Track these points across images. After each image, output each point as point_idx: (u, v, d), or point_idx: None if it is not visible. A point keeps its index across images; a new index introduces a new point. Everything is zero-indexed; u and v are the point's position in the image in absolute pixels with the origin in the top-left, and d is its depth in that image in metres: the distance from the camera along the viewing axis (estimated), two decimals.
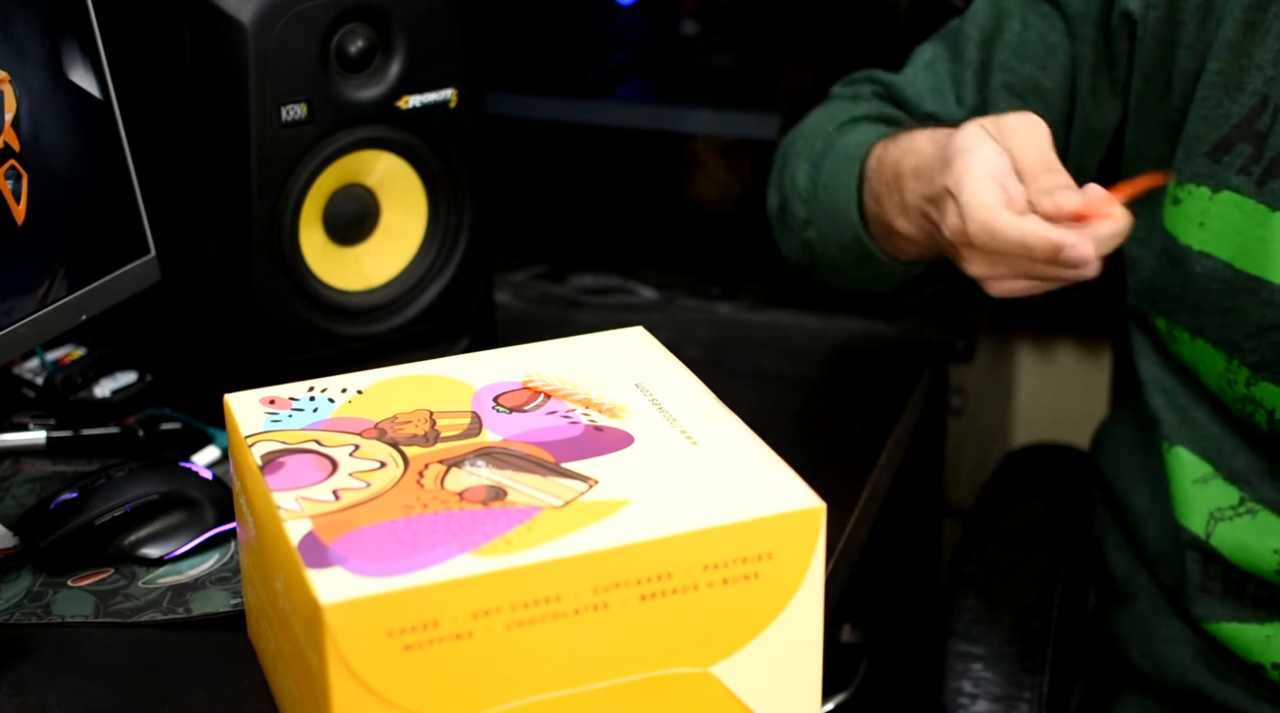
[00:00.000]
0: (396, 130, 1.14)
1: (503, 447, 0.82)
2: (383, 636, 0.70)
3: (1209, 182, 0.99)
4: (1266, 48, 0.96)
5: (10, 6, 0.99)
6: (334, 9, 1.08)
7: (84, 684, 0.89)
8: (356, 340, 1.17)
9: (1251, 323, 0.98)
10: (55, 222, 1.03)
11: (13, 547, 1.01)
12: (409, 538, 0.74)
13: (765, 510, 0.75)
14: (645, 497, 0.76)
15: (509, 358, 0.91)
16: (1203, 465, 1.04)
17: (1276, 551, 1.00)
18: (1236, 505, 1.02)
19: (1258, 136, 0.97)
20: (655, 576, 0.74)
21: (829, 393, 1.25)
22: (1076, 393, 1.95)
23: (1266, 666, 1.01)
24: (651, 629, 0.75)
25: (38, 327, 1.02)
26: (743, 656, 0.77)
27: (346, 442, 0.83)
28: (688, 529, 0.74)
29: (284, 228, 1.11)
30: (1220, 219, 0.99)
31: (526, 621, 0.72)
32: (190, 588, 0.98)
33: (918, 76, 1.14)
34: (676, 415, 0.84)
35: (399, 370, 0.90)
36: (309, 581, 0.71)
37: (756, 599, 0.76)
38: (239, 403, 0.87)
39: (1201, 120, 1.00)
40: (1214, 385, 1.03)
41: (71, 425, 1.15)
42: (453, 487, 0.78)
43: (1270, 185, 0.96)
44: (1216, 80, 0.99)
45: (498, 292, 1.35)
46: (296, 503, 0.77)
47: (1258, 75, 0.97)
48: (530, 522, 0.74)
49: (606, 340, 0.93)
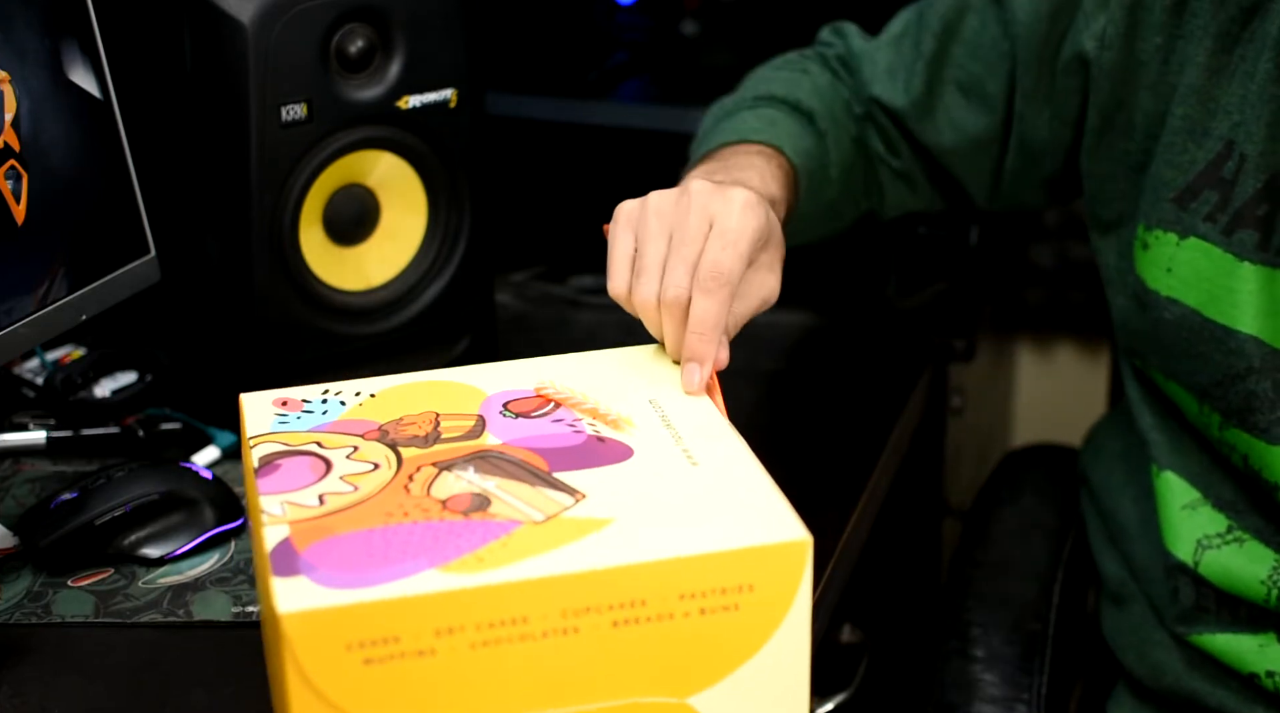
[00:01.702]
0: (396, 130, 1.14)
1: (499, 451, 0.81)
2: (341, 648, 0.69)
3: (1176, 228, 0.99)
4: (1232, 92, 0.96)
5: (10, 6, 0.99)
6: (334, 9, 1.08)
7: (84, 684, 0.89)
8: (356, 340, 1.17)
9: (1219, 371, 0.98)
10: (55, 222, 1.03)
11: (13, 547, 1.01)
12: (381, 549, 0.73)
13: (747, 541, 0.73)
14: (628, 517, 0.75)
15: (527, 367, 0.90)
16: (1191, 491, 1.04)
17: (1263, 581, 0.99)
18: (1224, 533, 1.01)
19: (1223, 184, 0.96)
20: (628, 602, 0.72)
21: (829, 393, 1.25)
22: (1076, 393, 1.95)
23: (1260, 674, 1.00)
24: (624, 657, 0.73)
25: (38, 327, 1.02)
26: (723, 688, 0.75)
27: (346, 443, 0.83)
28: (663, 557, 0.72)
29: (284, 228, 1.11)
30: (1188, 266, 0.98)
31: (492, 641, 0.71)
32: (190, 589, 0.98)
33: (880, 51, 1.16)
34: (682, 433, 0.83)
35: (415, 376, 0.90)
36: (272, 588, 0.70)
37: (737, 631, 0.74)
38: (251, 403, 0.87)
39: (1167, 165, 1.00)
40: (1194, 423, 1.03)
41: (71, 425, 1.15)
42: (438, 494, 0.77)
43: (1237, 234, 0.96)
44: (1181, 125, 0.99)
45: (498, 292, 1.35)
46: (280, 507, 0.76)
47: (1224, 119, 0.97)
48: (507, 537, 0.73)
49: (631, 355, 0.92)
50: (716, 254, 0.88)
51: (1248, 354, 0.96)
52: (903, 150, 1.16)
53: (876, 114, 1.16)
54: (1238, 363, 0.96)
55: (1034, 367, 2.07)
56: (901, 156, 1.17)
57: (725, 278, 0.87)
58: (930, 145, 1.15)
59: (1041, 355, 2.07)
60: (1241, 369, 0.96)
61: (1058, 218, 1.95)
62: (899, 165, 1.17)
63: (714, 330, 0.87)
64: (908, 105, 1.13)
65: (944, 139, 1.14)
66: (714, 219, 0.89)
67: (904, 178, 1.18)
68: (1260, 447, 0.97)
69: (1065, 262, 1.95)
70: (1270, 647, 1.00)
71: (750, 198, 0.91)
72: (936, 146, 1.14)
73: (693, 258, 0.88)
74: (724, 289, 0.87)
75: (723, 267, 0.87)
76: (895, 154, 1.17)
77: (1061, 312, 1.98)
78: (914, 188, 1.19)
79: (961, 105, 1.12)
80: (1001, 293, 1.93)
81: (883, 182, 1.18)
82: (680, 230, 0.89)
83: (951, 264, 1.46)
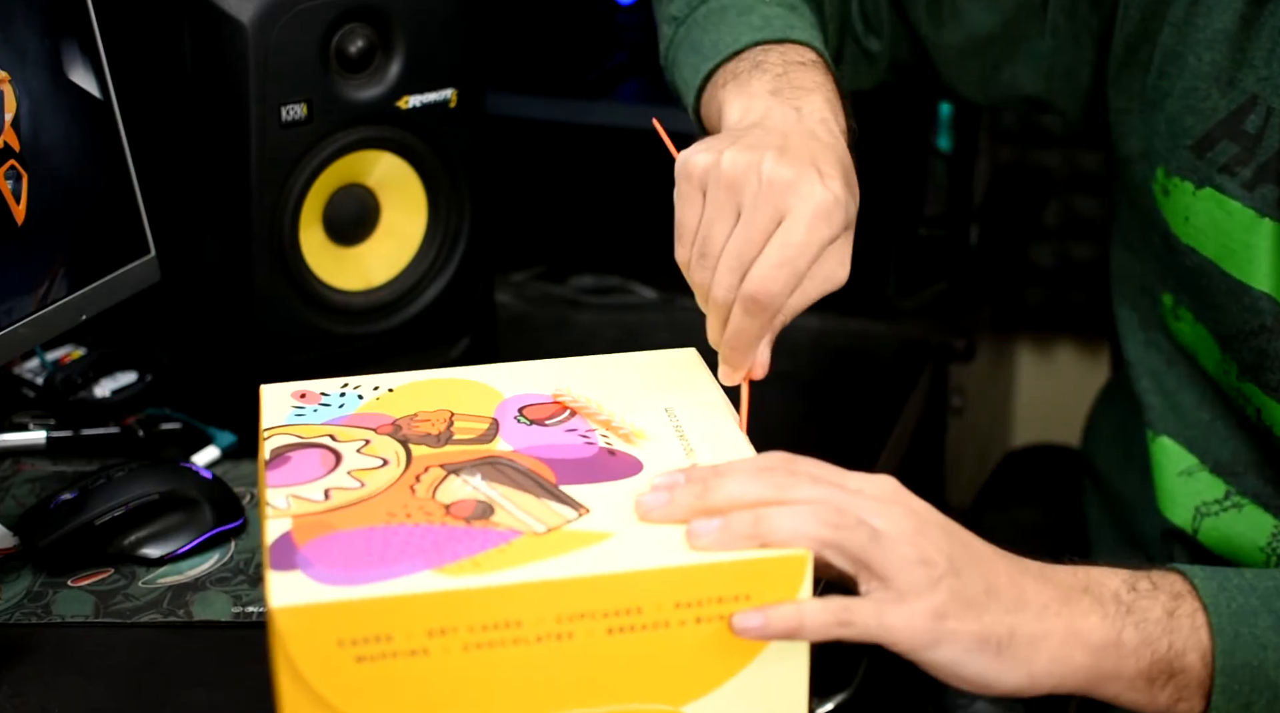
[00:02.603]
0: (396, 130, 1.14)
1: (509, 459, 0.81)
2: (333, 645, 0.69)
3: (1192, 176, 0.98)
4: (1260, 46, 0.94)
5: (10, 6, 0.99)
6: (334, 9, 1.08)
7: (84, 684, 0.89)
8: (357, 340, 1.17)
9: (1235, 324, 0.97)
10: (55, 222, 1.03)
11: (13, 547, 1.01)
12: (380, 548, 0.73)
13: (745, 553, 0.73)
14: (629, 530, 0.74)
15: (547, 370, 0.90)
16: (1188, 457, 1.04)
17: (1263, 548, 0.99)
18: (1222, 499, 1.01)
19: (1245, 137, 0.95)
20: (623, 609, 0.72)
21: (829, 393, 1.25)
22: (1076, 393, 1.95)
23: None
24: (618, 663, 0.73)
25: (38, 327, 1.02)
26: (717, 697, 0.75)
27: (359, 437, 0.83)
28: (659, 565, 0.72)
29: (284, 228, 1.11)
30: (1204, 216, 0.97)
31: (485, 643, 0.71)
32: (190, 588, 0.98)
33: None
34: (695, 445, 0.82)
35: (435, 373, 0.89)
36: (268, 581, 0.71)
37: (732, 640, 0.74)
38: (270, 395, 0.87)
39: (1189, 111, 0.98)
40: (1212, 371, 1.02)
41: (71, 425, 1.15)
42: (443, 498, 0.77)
43: (1260, 190, 0.94)
44: (1209, 71, 0.96)
45: (498, 292, 1.35)
46: (285, 501, 0.77)
47: (1250, 73, 0.94)
48: (506, 545, 0.73)
49: (652, 360, 0.92)
50: (769, 272, 0.81)
51: (1261, 311, 0.94)
52: (884, 28, 1.11)
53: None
54: (1252, 320, 0.95)
55: (1034, 367, 2.07)
56: (880, 35, 1.11)
57: (769, 302, 0.82)
58: (925, 35, 1.09)
59: (1041, 355, 2.07)
60: (1255, 326, 0.95)
61: (1058, 218, 1.95)
62: (873, 46, 1.11)
63: (748, 347, 0.84)
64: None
65: (944, 33, 1.08)
66: (785, 216, 0.81)
67: (867, 59, 1.12)
68: (1271, 405, 0.96)
69: (1065, 262, 1.95)
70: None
71: (829, 202, 0.82)
72: (932, 38, 1.09)
73: (747, 260, 0.82)
74: (765, 313, 0.83)
75: (771, 289, 0.81)
76: (873, 32, 1.11)
77: (1061, 312, 1.98)
78: (873, 68, 1.13)
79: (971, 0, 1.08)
80: (1001, 293, 1.94)
81: (845, 57, 1.12)
82: (747, 216, 0.82)
83: (951, 264, 1.46)
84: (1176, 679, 0.79)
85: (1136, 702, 0.80)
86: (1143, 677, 0.79)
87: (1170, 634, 0.79)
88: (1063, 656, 0.77)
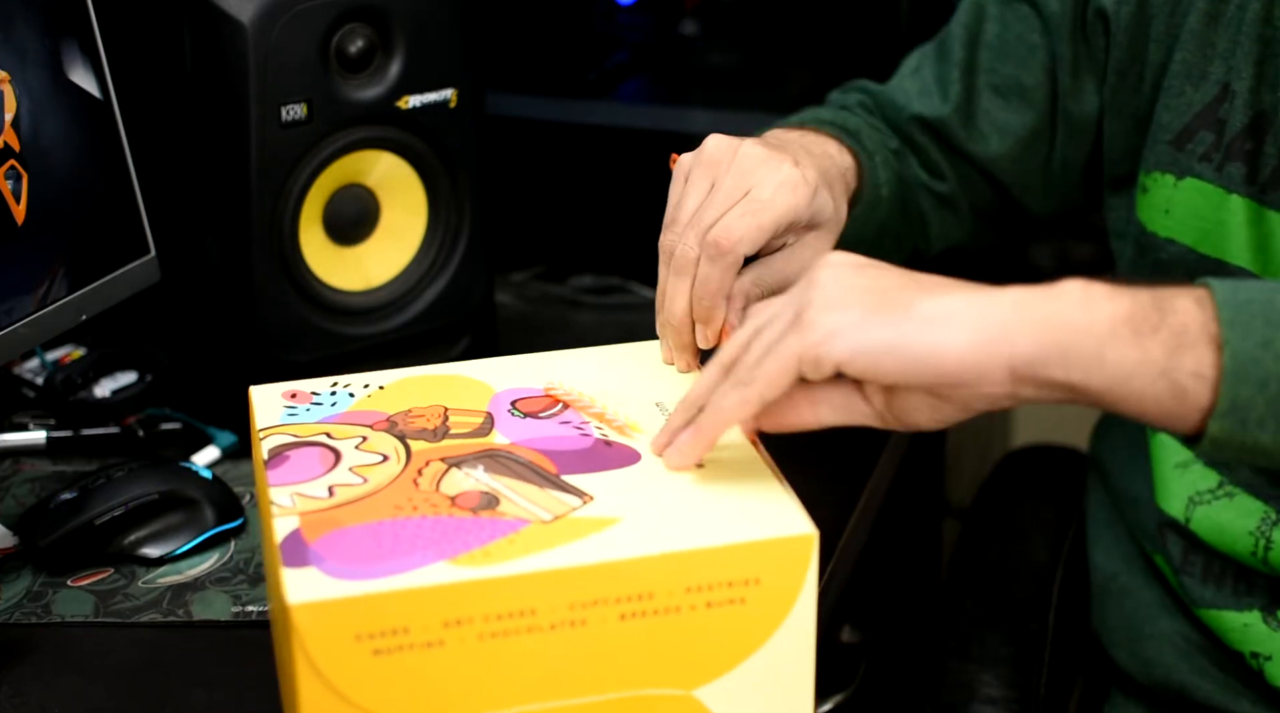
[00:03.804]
0: (396, 130, 1.14)
1: (507, 451, 0.81)
2: (350, 639, 0.70)
3: (1173, 169, 1.00)
4: (1227, 37, 0.97)
5: (10, 6, 0.99)
6: (334, 9, 1.08)
7: (84, 684, 0.89)
8: (356, 340, 1.17)
9: None
10: (55, 222, 1.03)
11: (13, 547, 1.01)
12: (390, 541, 0.73)
13: (752, 535, 0.73)
14: (636, 516, 0.75)
15: (536, 364, 0.90)
16: (1184, 450, 1.04)
17: (1251, 532, 1.00)
18: (1215, 489, 1.02)
19: (1218, 124, 0.98)
20: (635, 595, 0.72)
21: None
22: None
23: (1245, 654, 1.01)
24: (631, 649, 0.74)
25: (38, 327, 1.02)
26: (728, 680, 0.76)
27: (355, 434, 0.83)
28: (669, 550, 0.72)
29: (284, 228, 1.11)
30: (1184, 206, 0.99)
31: (500, 633, 0.71)
32: (190, 588, 0.98)
33: (905, 82, 1.15)
34: None
35: (424, 369, 0.90)
36: (282, 579, 0.71)
37: (743, 624, 0.74)
38: (260, 396, 0.87)
39: (1166, 109, 1.00)
40: None
41: (71, 425, 1.15)
42: (447, 490, 0.78)
43: (1227, 168, 0.97)
44: (1180, 69, 0.99)
45: (498, 292, 1.35)
46: (290, 499, 0.77)
47: (1220, 64, 0.98)
48: (515, 534, 0.74)
49: (639, 351, 0.92)
50: (732, 219, 0.86)
51: None
52: (946, 171, 1.15)
53: (916, 135, 1.14)
54: None
55: None
56: (946, 178, 1.15)
57: (729, 245, 0.85)
58: (977, 155, 1.13)
59: None
60: None
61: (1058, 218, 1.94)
62: (943, 189, 1.15)
63: (714, 296, 0.86)
64: (951, 113, 1.12)
65: (990, 145, 1.12)
66: (751, 188, 0.88)
67: (948, 204, 1.16)
68: None
69: (1065, 262, 1.95)
70: (1255, 627, 1.00)
71: (796, 178, 0.89)
72: (983, 155, 1.13)
73: (710, 221, 0.86)
74: (725, 257, 0.85)
75: (731, 233, 0.86)
76: (939, 177, 1.15)
77: None
78: (958, 215, 1.17)
79: (1001, 107, 1.11)
80: None
81: (925, 211, 1.16)
82: (718, 186, 0.88)
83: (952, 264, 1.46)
84: (1170, 323, 0.70)
85: (1123, 365, 0.69)
86: (1124, 322, 0.69)
87: (1152, 288, 0.71)
88: (995, 310, 0.70)
